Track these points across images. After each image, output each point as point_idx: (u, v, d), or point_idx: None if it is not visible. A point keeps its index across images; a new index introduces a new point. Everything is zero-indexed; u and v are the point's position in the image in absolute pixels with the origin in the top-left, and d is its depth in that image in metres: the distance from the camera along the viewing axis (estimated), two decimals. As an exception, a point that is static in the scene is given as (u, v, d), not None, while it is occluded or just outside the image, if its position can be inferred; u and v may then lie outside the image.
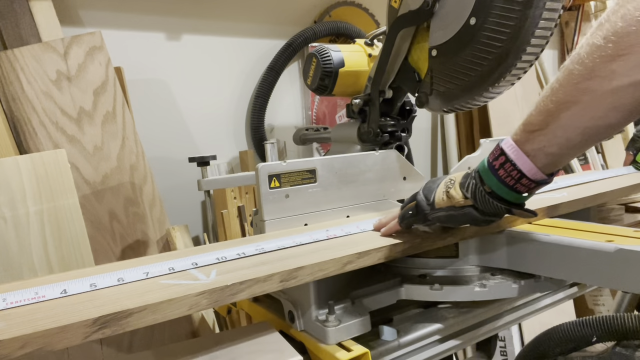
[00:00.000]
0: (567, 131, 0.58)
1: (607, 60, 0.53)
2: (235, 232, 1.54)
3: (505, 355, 1.91)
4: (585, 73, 0.55)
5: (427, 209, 0.70)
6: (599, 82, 0.54)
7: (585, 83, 0.55)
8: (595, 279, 0.65)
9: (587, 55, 0.54)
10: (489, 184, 0.63)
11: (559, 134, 0.58)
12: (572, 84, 0.56)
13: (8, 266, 1.01)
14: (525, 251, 0.74)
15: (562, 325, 0.86)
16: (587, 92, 0.55)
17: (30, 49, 1.23)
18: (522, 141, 0.61)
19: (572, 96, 0.56)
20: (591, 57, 0.54)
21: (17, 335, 0.45)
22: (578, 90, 0.56)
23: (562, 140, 0.59)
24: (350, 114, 1.12)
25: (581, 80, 0.55)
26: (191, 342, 0.65)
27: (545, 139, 0.59)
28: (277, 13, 1.79)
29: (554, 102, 0.58)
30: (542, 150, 0.60)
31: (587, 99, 0.55)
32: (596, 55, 0.54)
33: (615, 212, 1.15)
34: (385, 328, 0.71)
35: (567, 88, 0.57)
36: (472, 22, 0.77)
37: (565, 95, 0.57)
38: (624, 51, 0.51)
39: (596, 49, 0.54)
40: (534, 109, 0.60)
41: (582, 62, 0.55)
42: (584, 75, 0.55)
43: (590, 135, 0.59)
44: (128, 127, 1.33)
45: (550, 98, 0.58)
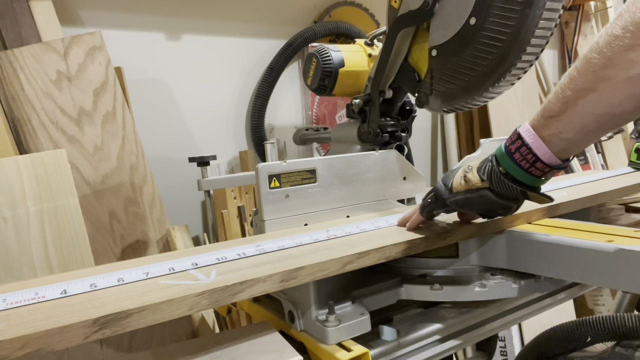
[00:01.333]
0: (584, 117, 0.59)
1: (624, 50, 0.54)
2: (235, 232, 1.54)
3: (505, 355, 1.91)
4: (603, 62, 0.56)
5: (445, 194, 0.73)
6: (616, 70, 0.55)
7: (603, 71, 0.56)
8: (595, 279, 0.65)
9: (606, 45, 0.55)
10: (504, 166, 0.65)
11: (575, 120, 0.60)
12: (590, 71, 0.57)
13: (8, 266, 1.01)
14: (525, 251, 0.74)
15: (562, 325, 0.86)
16: (604, 80, 0.56)
17: (30, 49, 1.23)
18: (539, 126, 0.63)
19: (589, 83, 0.58)
20: (609, 47, 0.55)
21: (17, 335, 0.45)
22: (596, 78, 0.57)
23: (578, 126, 0.60)
24: (350, 114, 1.12)
25: (599, 68, 0.56)
26: (191, 342, 0.65)
27: (561, 125, 0.61)
28: (277, 13, 1.79)
29: (572, 90, 0.59)
30: (557, 136, 0.61)
31: (604, 86, 0.56)
32: (614, 45, 0.55)
33: (615, 212, 1.15)
34: (385, 328, 0.71)
35: (585, 76, 0.58)
36: (472, 22, 0.77)
37: (583, 82, 0.58)
38: None
39: (614, 39, 0.55)
40: (552, 95, 0.62)
41: (600, 51, 0.56)
42: (602, 64, 0.56)
43: (605, 122, 0.60)
44: (128, 127, 1.33)
45: (569, 85, 0.59)
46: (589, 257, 0.64)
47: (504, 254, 0.77)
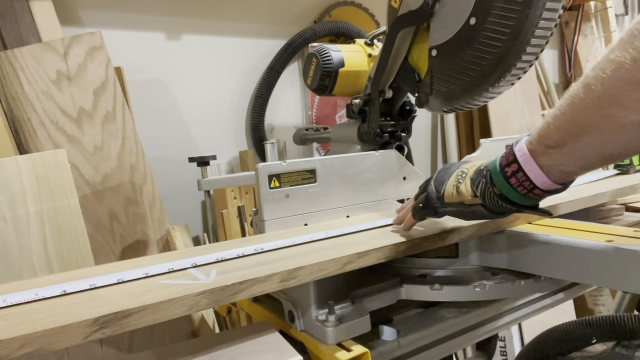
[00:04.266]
0: (586, 154, 0.54)
1: (634, 90, 0.46)
2: (235, 232, 1.54)
3: (505, 355, 1.91)
4: (608, 97, 0.49)
5: (436, 203, 0.69)
6: (623, 112, 0.48)
7: (608, 109, 0.49)
8: (595, 279, 0.65)
9: (612, 74, 0.48)
10: (499, 187, 0.61)
11: (577, 156, 0.55)
12: (594, 105, 0.50)
13: (8, 266, 1.01)
14: (525, 251, 0.74)
15: (562, 325, 0.86)
16: (610, 119, 0.49)
17: (30, 49, 1.23)
18: (538, 154, 0.57)
19: (593, 120, 0.51)
20: (615, 80, 0.48)
21: (17, 335, 0.45)
22: (600, 116, 0.50)
23: (580, 161, 0.55)
24: (350, 114, 1.12)
25: (604, 104, 0.49)
26: (191, 342, 0.65)
27: (562, 158, 0.55)
28: (277, 13, 1.79)
29: (574, 123, 0.53)
30: (557, 167, 0.56)
31: (609, 127, 0.50)
32: (621, 79, 0.47)
33: (615, 212, 1.15)
34: (385, 328, 0.71)
35: (589, 110, 0.51)
36: (472, 22, 0.77)
37: (587, 118, 0.52)
38: None
39: (623, 72, 0.47)
40: (552, 119, 0.56)
41: (605, 83, 0.49)
42: (607, 100, 0.49)
43: (611, 159, 0.56)
44: (128, 127, 1.33)
45: (572, 116, 0.53)
46: (589, 257, 0.64)
47: (504, 254, 0.77)
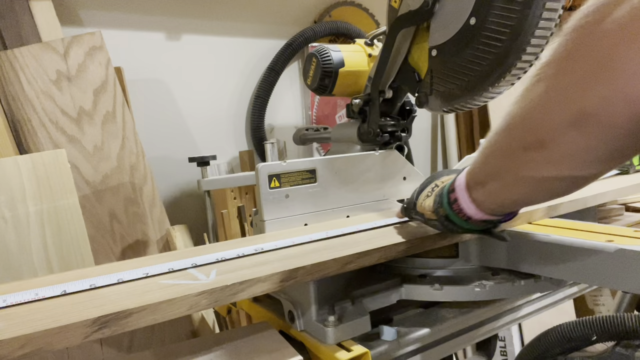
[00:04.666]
0: (498, 198, 0.55)
1: (522, 147, 0.46)
2: (235, 232, 1.54)
3: (505, 355, 1.91)
4: (505, 152, 0.49)
5: (412, 209, 0.72)
6: (517, 167, 0.48)
7: (507, 163, 0.49)
8: (595, 279, 0.65)
9: (508, 131, 0.48)
10: (445, 210, 0.62)
11: (493, 197, 0.56)
12: (498, 155, 0.51)
13: (8, 266, 1.01)
14: (525, 251, 0.74)
15: (562, 325, 0.86)
16: (509, 172, 0.50)
17: (30, 49, 1.23)
18: (470, 187, 0.58)
19: (496, 171, 0.52)
20: (509, 136, 0.48)
21: (17, 335, 0.45)
22: (502, 168, 0.51)
23: (500, 200, 0.56)
24: (350, 114, 1.12)
25: (503, 158, 0.50)
26: (191, 342, 0.65)
27: (485, 195, 0.56)
28: (277, 13, 1.79)
29: (490, 167, 0.54)
30: (485, 203, 0.57)
31: (509, 178, 0.51)
32: (514, 137, 0.47)
33: (615, 212, 1.15)
34: (385, 328, 0.71)
35: (494, 158, 0.52)
36: (472, 22, 0.77)
37: (492, 165, 0.53)
38: (538, 144, 0.44)
39: (516, 130, 0.47)
40: (479, 154, 0.56)
41: (506, 136, 0.49)
42: (504, 155, 0.49)
43: (526, 203, 0.56)
44: (128, 127, 1.33)
45: (485, 158, 0.54)
46: (589, 257, 0.64)
47: (504, 254, 0.77)
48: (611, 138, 0.40)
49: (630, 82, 0.36)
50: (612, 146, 0.41)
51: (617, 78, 0.36)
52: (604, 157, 0.42)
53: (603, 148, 0.41)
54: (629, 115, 0.37)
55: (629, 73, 0.36)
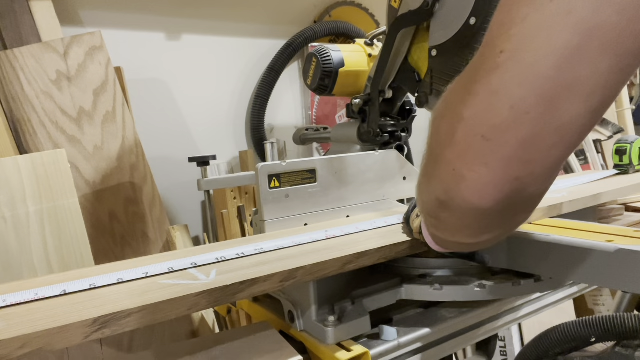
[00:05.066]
0: (435, 241, 0.59)
1: (425, 212, 0.52)
2: (235, 232, 1.54)
3: (505, 355, 1.91)
4: (420, 207, 0.55)
5: (406, 220, 0.74)
6: (429, 227, 0.54)
7: (424, 219, 0.55)
8: (595, 279, 0.64)
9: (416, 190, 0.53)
10: (423, 236, 0.64)
11: (433, 239, 0.59)
12: (420, 207, 0.55)
13: (8, 266, 1.00)
14: (525, 251, 0.74)
15: (562, 325, 0.86)
16: (428, 227, 0.56)
17: (30, 49, 1.23)
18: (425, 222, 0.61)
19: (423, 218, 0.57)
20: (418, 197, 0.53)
21: (17, 335, 0.45)
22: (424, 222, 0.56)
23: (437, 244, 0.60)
24: (350, 114, 1.12)
25: (421, 211, 0.55)
26: (191, 342, 0.65)
27: (430, 235, 0.60)
28: (277, 13, 1.79)
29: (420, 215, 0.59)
30: (432, 243, 0.61)
31: (429, 231, 0.56)
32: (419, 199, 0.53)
33: (615, 212, 1.15)
34: (385, 328, 0.71)
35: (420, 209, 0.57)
36: (472, 22, 0.77)
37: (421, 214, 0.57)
38: (433, 215, 0.50)
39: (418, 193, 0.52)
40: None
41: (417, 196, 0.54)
42: (420, 208, 0.55)
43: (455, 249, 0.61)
44: (128, 127, 1.33)
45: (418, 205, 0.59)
46: (589, 257, 0.64)
47: (504, 254, 0.77)
48: (472, 220, 0.44)
49: (456, 184, 0.41)
50: (480, 224, 0.45)
51: (447, 179, 0.42)
52: (481, 231, 0.47)
53: (473, 225, 0.46)
54: (469, 210, 0.42)
55: (454, 176, 0.41)
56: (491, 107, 0.36)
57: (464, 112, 0.38)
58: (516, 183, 0.38)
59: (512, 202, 0.40)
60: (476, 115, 0.38)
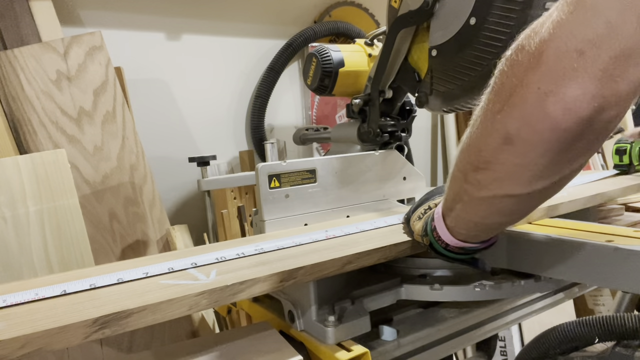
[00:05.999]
0: (463, 221, 0.58)
1: (471, 170, 0.51)
2: (235, 232, 1.54)
3: (505, 355, 1.91)
4: (461, 175, 0.54)
5: (406, 222, 0.74)
6: (471, 188, 0.53)
7: (464, 185, 0.54)
8: (595, 279, 0.65)
9: (461, 155, 0.53)
10: (429, 238, 0.64)
11: (459, 221, 0.59)
12: (457, 179, 0.55)
13: (8, 266, 1.01)
14: (525, 251, 0.74)
15: (562, 325, 0.86)
16: (466, 193, 0.54)
17: (30, 49, 1.23)
18: (444, 213, 0.61)
19: (457, 193, 0.56)
20: (462, 160, 0.53)
21: (17, 335, 0.45)
22: (461, 190, 0.55)
23: (464, 224, 0.59)
24: (350, 114, 1.12)
25: (460, 180, 0.54)
26: (191, 342, 0.65)
27: (454, 220, 0.59)
28: (277, 13, 1.79)
29: (453, 191, 0.57)
30: (455, 228, 0.60)
31: (466, 199, 0.55)
32: (465, 160, 0.52)
33: (615, 212, 1.15)
34: (385, 328, 0.71)
35: (455, 182, 0.56)
36: (472, 22, 0.77)
37: (454, 189, 0.57)
38: (483, 165, 0.49)
39: (466, 154, 0.52)
40: (448, 180, 0.59)
41: (460, 160, 0.53)
42: (461, 177, 0.54)
43: (485, 229, 0.59)
44: (128, 127, 1.33)
45: (450, 183, 0.58)
46: (589, 257, 0.64)
47: (504, 254, 0.77)
48: (538, 155, 0.44)
49: (539, 103, 0.41)
50: (543, 162, 0.45)
51: (528, 100, 0.42)
52: (540, 173, 0.46)
53: (536, 164, 0.45)
54: (547, 131, 0.42)
55: (537, 94, 0.41)
56: (586, 22, 0.38)
57: (556, 31, 0.40)
58: (601, 100, 0.39)
59: (592, 125, 0.41)
60: (570, 31, 0.39)
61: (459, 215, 0.58)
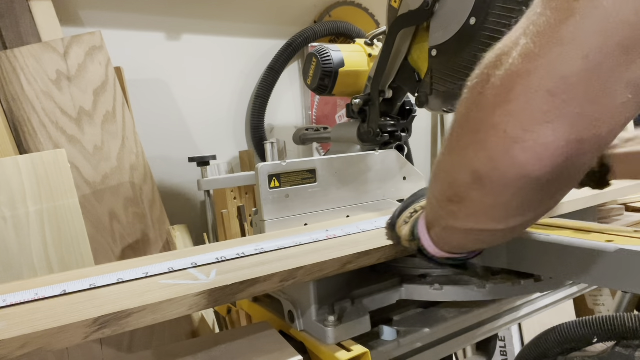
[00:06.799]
0: (445, 241, 0.56)
1: (445, 200, 0.47)
2: (235, 232, 1.54)
3: (505, 355, 1.91)
4: (436, 203, 0.50)
5: (391, 226, 0.70)
6: (446, 217, 0.49)
7: (439, 212, 0.51)
8: (595, 279, 0.64)
9: (434, 182, 0.50)
10: (417, 243, 0.61)
11: (441, 239, 0.56)
12: (433, 205, 0.52)
13: (8, 266, 1.00)
14: (525, 251, 0.74)
15: (562, 325, 0.86)
16: (443, 219, 0.51)
17: (30, 49, 1.23)
18: (428, 226, 0.58)
19: (435, 218, 0.53)
20: (436, 189, 0.49)
21: (17, 335, 0.45)
22: (437, 216, 0.52)
23: (447, 244, 0.56)
24: (350, 114, 1.12)
25: (436, 207, 0.51)
26: (191, 342, 0.65)
27: (436, 237, 0.56)
28: (277, 13, 1.79)
29: (430, 212, 0.55)
30: (439, 244, 0.57)
31: (444, 225, 0.52)
32: (438, 190, 0.49)
33: (615, 212, 1.15)
34: (385, 328, 0.71)
35: (431, 207, 0.53)
36: (472, 22, 0.77)
37: (432, 212, 0.54)
38: (456, 199, 0.46)
39: (439, 183, 0.49)
40: (427, 200, 0.57)
41: (433, 188, 0.51)
42: (436, 205, 0.51)
43: (468, 249, 0.56)
44: (128, 127, 1.33)
45: (429, 203, 0.55)
46: (589, 257, 0.64)
47: (504, 254, 0.77)
48: (511, 196, 0.40)
49: (506, 150, 0.37)
50: (517, 203, 0.41)
51: (496, 144, 0.38)
52: (515, 212, 0.43)
53: (509, 204, 0.42)
54: (517, 179, 0.38)
55: (504, 140, 0.37)
56: (561, 58, 0.33)
57: (525, 67, 0.34)
58: (577, 146, 0.34)
59: (566, 170, 0.37)
60: (542, 67, 0.34)
61: (440, 234, 0.55)
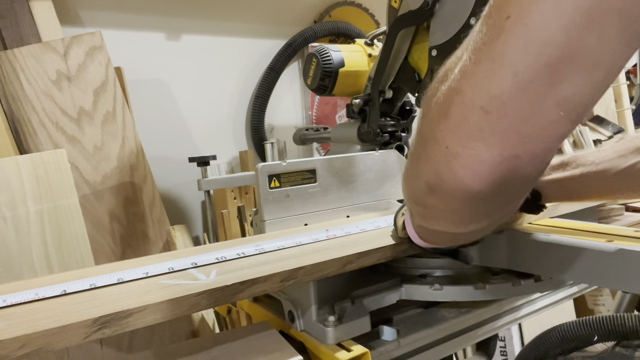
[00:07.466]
0: (425, 234, 0.57)
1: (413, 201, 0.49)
2: (235, 232, 1.54)
3: (505, 355, 1.91)
4: (407, 201, 0.52)
5: (395, 216, 0.72)
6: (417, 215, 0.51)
7: (412, 209, 0.52)
8: (595, 279, 0.64)
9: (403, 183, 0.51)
10: (406, 232, 0.62)
11: (422, 232, 0.57)
12: (407, 199, 0.52)
13: (8, 266, 1.01)
14: (525, 251, 0.74)
15: (562, 325, 0.86)
16: (416, 216, 0.53)
17: (30, 49, 1.23)
18: (411, 219, 0.58)
19: (410, 209, 0.54)
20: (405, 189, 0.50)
21: (17, 335, 0.44)
22: (412, 211, 0.54)
23: (427, 237, 0.57)
24: (350, 114, 1.12)
25: (409, 205, 0.52)
26: (191, 342, 0.65)
27: (418, 229, 0.57)
28: (277, 13, 1.79)
29: (408, 206, 0.56)
30: (422, 236, 0.58)
31: (418, 221, 0.53)
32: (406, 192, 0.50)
33: (615, 212, 1.15)
34: (385, 328, 0.71)
35: (406, 200, 0.54)
36: (472, 22, 0.77)
37: (408, 206, 0.54)
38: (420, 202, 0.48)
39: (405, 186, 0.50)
40: None
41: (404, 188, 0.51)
42: (408, 203, 0.52)
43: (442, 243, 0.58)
44: (128, 127, 1.33)
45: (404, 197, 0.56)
46: (589, 257, 0.64)
47: (504, 254, 0.77)
48: (462, 204, 0.41)
49: (447, 164, 0.38)
50: (469, 211, 0.42)
51: (439, 158, 0.39)
52: (470, 218, 0.44)
53: (462, 211, 0.43)
54: (460, 191, 0.39)
55: (445, 154, 0.38)
56: (493, 75, 0.33)
57: (461, 83, 0.35)
58: (514, 161, 0.35)
59: (507, 184, 0.38)
60: (475, 84, 0.34)
61: (417, 229, 0.57)
